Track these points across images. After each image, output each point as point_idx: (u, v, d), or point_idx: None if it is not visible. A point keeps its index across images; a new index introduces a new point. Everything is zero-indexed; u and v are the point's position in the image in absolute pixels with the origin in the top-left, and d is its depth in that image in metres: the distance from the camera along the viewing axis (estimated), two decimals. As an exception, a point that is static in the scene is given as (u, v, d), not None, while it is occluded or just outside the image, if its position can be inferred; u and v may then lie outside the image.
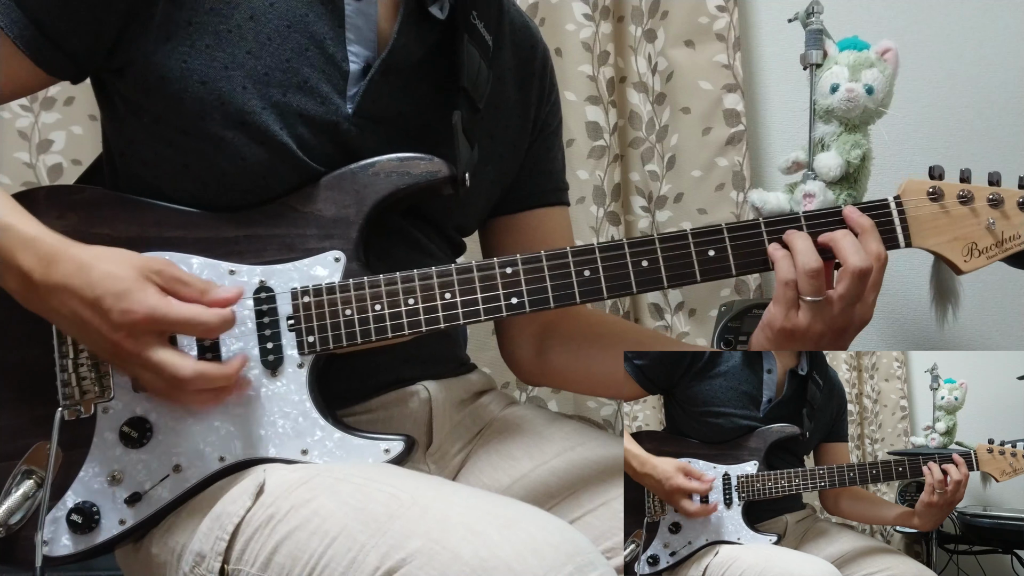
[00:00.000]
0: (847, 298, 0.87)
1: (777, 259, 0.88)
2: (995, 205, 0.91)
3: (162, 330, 0.82)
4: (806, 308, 0.87)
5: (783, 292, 0.87)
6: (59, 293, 0.81)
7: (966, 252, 0.91)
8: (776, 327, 0.89)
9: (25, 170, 1.65)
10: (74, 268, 0.80)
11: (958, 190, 0.91)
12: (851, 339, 0.91)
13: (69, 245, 0.82)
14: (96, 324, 0.80)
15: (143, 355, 0.81)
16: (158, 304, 0.81)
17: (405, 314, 0.89)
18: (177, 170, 0.90)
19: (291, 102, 0.90)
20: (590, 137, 1.74)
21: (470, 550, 0.69)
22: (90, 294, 0.80)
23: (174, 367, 0.82)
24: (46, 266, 0.81)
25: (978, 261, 0.91)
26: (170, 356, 0.82)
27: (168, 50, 0.87)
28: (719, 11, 1.75)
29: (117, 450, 0.87)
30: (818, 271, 0.86)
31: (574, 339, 1.10)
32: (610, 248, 0.89)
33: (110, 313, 0.79)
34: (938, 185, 0.91)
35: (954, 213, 0.91)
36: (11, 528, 0.85)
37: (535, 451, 1.02)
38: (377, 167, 0.91)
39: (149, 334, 0.81)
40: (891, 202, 0.91)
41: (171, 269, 0.84)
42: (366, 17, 0.94)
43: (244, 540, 0.81)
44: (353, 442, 0.88)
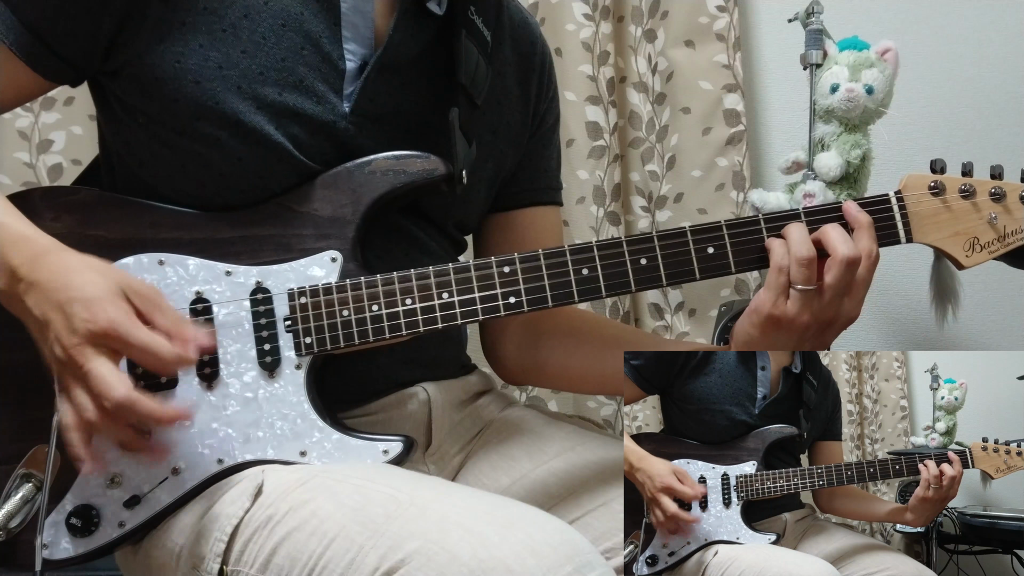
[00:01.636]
0: (836, 288, 0.86)
1: (773, 247, 0.88)
2: (997, 199, 0.90)
3: (117, 348, 0.78)
4: (796, 296, 0.87)
5: (775, 278, 0.87)
6: (36, 291, 0.79)
7: (968, 247, 0.90)
8: (764, 312, 0.88)
9: (25, 170, 1.66)
10: (60, 269, 0.80)
11: (960, 184, 0.90)
12: (834, 336, 0.90)
13: (62, 248, 0.82)
14: (58, 326, 0.78)
15: (85, 365, 0.77)
16: (122, 322, 0.77)
17: (403, 314, 0.88)
18: (174, 171, 0.90)
19: (287, 101, 0.89)
20: (590, 137, 1.74)
21: (468, 551, 0.69)
22: (63, 296, 0.78)
23: (108, 383, 0.76)
24: (32, 263, 0.80)
25: (980, 256, 0.90)
26: (109, 372, 0.77)
27: (162, 51, 0.87)
28: (719, 11, 1.75)
29: (115, 453, 0.87)
30: (810, 260, 0.86)
31: (558, 335, 1.10)
32: (608, 246, 0.89)
33: (74, 318, 0.77)
34: (939, 179, 0.90)
35: (955, 208, 0.90)
36: (11, 532, 0.85)
37: (534, 452, 1.02)
38: (373, 165, 0.91)
39: (102, 347, 0.78)
40: (892, 197, 0.90)
41: (154, 296, 0.81)
42: (362, 14, 0.93)
43: (243, 541, 0.81)
44: (351, 443, 0.87)
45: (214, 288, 0.88)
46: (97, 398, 0.77)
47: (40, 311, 0.79)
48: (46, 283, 0.79)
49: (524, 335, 1.11)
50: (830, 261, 0.86)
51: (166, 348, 0.78)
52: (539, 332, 1.11)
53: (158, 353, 0.78)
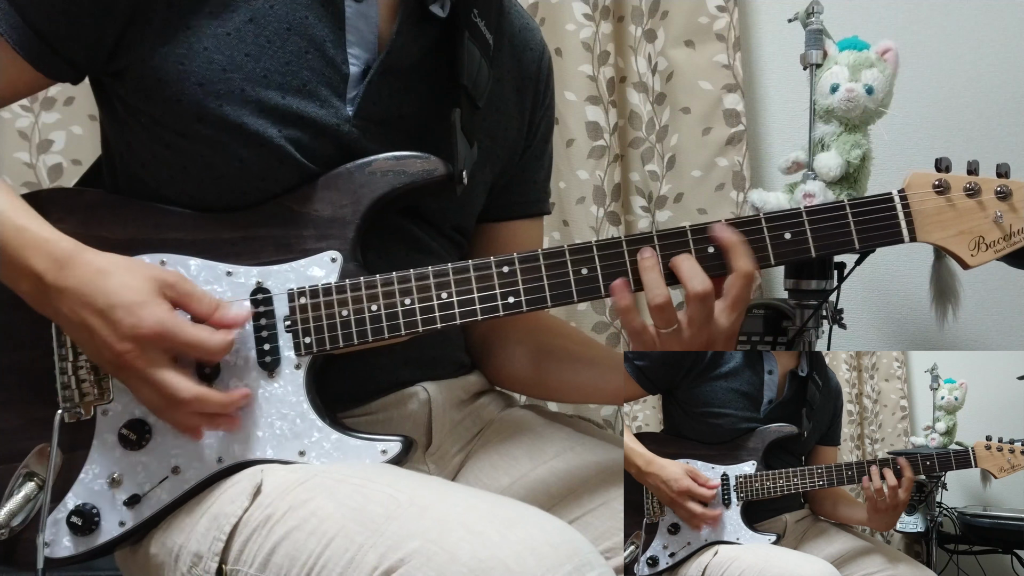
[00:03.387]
0: (696, 321, 0.86)
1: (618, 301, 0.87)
2: (1003, 198, 0.88)
3: (168, 347, 0.82)
4: (661, 336, 0.87)
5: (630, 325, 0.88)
6: (70, 298, 0.81)
7: (973, 246, 0.88)
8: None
9: (25, 170, 1.66)
10: (89, 274, 0.81)
11: (965, 182, 0.88)
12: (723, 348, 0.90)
13: (84, 250, 0.83)
14: (104, 333, 0.80)
15: (146, 371, 0.81)
16: (169, 322, 0.81)
17: (402, 314, 0.88)
18: (176, 172, 0.90)
19: (290, 105, 0.89)
20: (590, 137, 1.74)
21: (468, 550, 0.69)
22: (103, 302, 0.80)
23: (174, 388, 0.81)
24: (59, 269, 0.81)
25: (985, 255, 0.88)
26: (172, 377, 0.82)
27: (165, 53, 0.87)
28: (719, 11, 1.75)
29: (116, 452, 0.87)
30: (664, 304, 0.85)
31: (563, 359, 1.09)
32: (608, 246, 0.89)
33: (120, 324, 0.80)
34: (944, 178, 0.88)
35: (960, 206, 0.88)
36: (13, 530, 0.86)
37: (534, 451, 1.02)
38: (373, 166, 0.91)
39: (155, 350, 0.81)
40: (895, 196, 0.89)
41: (184, 284, 0.84)
42: (367, 19, 0.93)
43: (242, 540, 0.81)
44: (350, 443, 0.88)
45: (215, 288, 0.88)
46: (168, 399, 0.82)
47: (77, 317, 0.81)
48: (78, 289, 0.81)
49: (531, 358, 1.11)
50: (685, 297, 0.86)
51: (213, 341, 0.83)
52: (544, 356, 1.10)
53: (206, 347, 0.83)
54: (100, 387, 0.88)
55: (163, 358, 0.82)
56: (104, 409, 0.88)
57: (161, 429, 0.87)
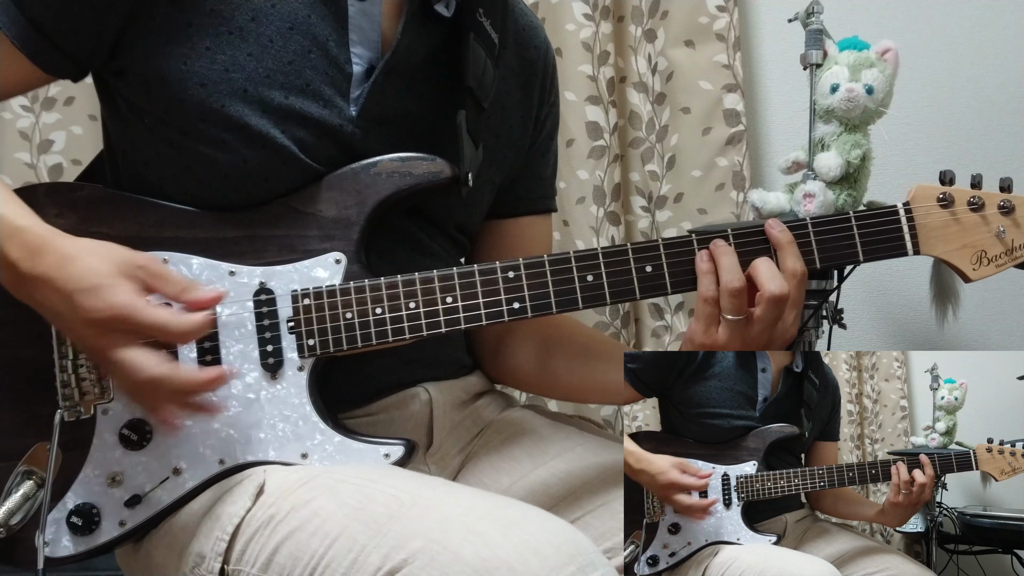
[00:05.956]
0: (765, 321, 0.86)
1: (700, 275, 0.88)
2: (1006, 212, 0.88)
3: (129, 329, 0.79)
4: (726, 326, 0.87)
5: (703, 308, 0.87)
6: (42, 285, 0.80)
7: (975, 260, 0.89)
8: (696, 343, 0.89)
9: (26, 170, 1.66)
10: (57, 260, 0.80)
11: (969, 196, 0.89)
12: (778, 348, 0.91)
13: (56, 236, 0.81)
14: (70, 318, 0.79)
15: (108, 353, 0.79)
16: (129, 304, 0.78)
17: (406, 318, 0.88)
18: (179, 170, 0.90)
19: (293, 105, 0.89)
20: (590, 137, 1.74)
21: (471, 550, 0.69)
22: (66, 287, 0.79)
23: (137, 366, 0.78)
24: (32, 257, 0.80)
25: (987, 270, 0.89)
26: (134, 354, 0.78)
27: (168, 52, 0.87)
28: (719, 11, 1.75)
29: (117, 452, 0.87)
30: (740, 290, 0.86)
31: (571, 354, 1.10)
32: (614, 253, 0.89)
33: (80, 308, 0.78)
34: (948, 191, 0.89)
35: (964, 220, 0.89)
36: (11, 529, 0.85)
37: (535, 452, 1.02)
38: (379, 167, 0.91)
39: (116, 332, 0.79)
40: (900, 209, 0.89)
41: (155, 266, 0.82)
42: (370, 18, 0.93)
43: (244, 541, 0.81)
44: (353, 446, 0.87)
45: (217, 288, 0.88)
46: (130, 381, 0.79)
47: (50, 305, 0.80)
48: (48, 276, 0.79)
49: (537, 351, 1.11)
50: (759, 297, 0.86)
51: (176, 322, 0.79)
52: (551, 348, 1.10)
53: (169, 328, 0.79)
54: (100, 386, 0.88)
55: (126, 340, 0.79)
56: (104, 408, 0.87)
57: (162, 429, 0.87)
